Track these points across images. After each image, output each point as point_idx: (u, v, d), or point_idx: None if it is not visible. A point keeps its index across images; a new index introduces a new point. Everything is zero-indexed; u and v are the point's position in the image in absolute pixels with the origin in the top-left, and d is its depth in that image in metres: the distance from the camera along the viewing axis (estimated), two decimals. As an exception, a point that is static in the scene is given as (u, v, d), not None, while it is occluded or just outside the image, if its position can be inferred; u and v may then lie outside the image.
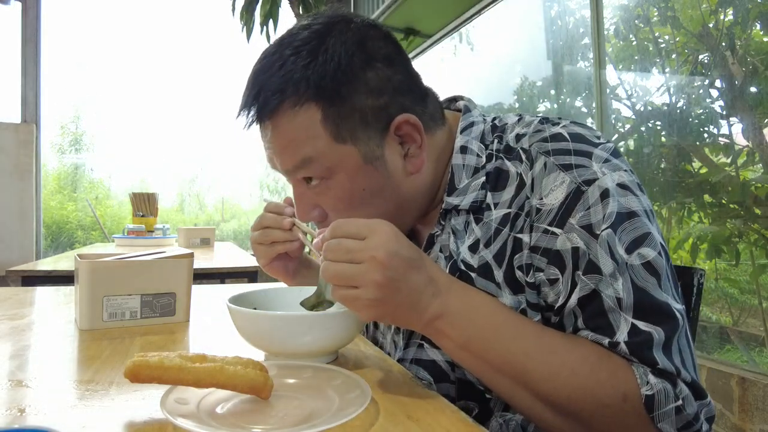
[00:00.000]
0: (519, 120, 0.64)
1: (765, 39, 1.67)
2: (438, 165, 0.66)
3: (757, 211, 1.64)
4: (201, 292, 1.18)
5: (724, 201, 1.71)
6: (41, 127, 3.71)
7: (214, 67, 4.58)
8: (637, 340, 0.49)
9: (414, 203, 0.65)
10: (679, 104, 1.90)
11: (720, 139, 1.78)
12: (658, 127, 1.99)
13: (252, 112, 0.59)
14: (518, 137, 0.61)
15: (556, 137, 0.58)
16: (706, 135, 1.83)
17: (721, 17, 1.78)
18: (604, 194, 0.53)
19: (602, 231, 0.52)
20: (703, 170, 1.80)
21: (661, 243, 0.53)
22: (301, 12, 3.86)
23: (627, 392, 0.48)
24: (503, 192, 0.60)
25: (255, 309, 0.69)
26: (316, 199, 0.63)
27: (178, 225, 4.16)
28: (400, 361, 0.67)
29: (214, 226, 3.71)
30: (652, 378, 0.48)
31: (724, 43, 1.75)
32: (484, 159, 0.63)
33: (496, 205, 0.60)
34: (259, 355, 0.64)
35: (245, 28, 3.82)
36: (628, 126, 2.12)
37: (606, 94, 2.00)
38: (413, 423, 0.45)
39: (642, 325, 0.50)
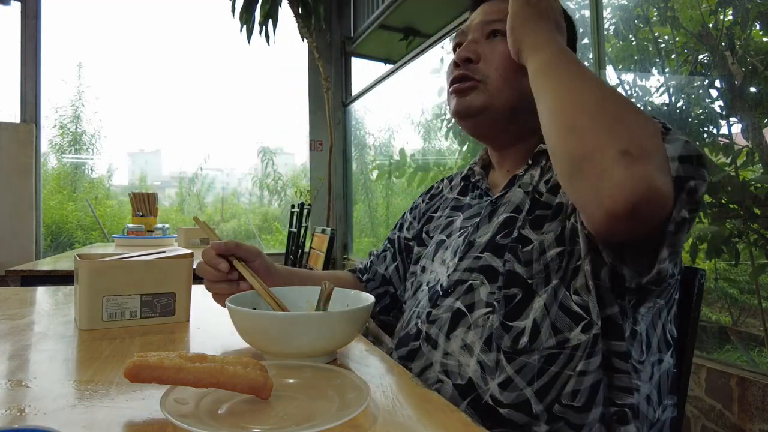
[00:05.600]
0: None
1: (765, 39, 1.67)
2: None
3: (757, 211, 1.64)
4: (201, 292, 1.18)
5: (723, 201, 1.71)
6: (41, 127, 3.71)
7: (214, 67, 4.58)
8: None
9: (529, 110, 0.73)
10: (679, 104, 1.90)
11: (720, 139, 1.78)
12: (658, 127, 1.99)
13: None
14: None
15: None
16: (705, 135, 1.83)
17: (721, 17, 1.78)
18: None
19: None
20: (703, 170, 1.79)
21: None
22: (300, 12, 3.86)
23: (650, 117, 0.57)
24: None
25: (255, 309, 0.69)
26: (486, 50, 0.77)
27: (177, 225, 4.16)
28: (452, 273, 0.74)
29: (214, 226, 3.71)
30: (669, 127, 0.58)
31: (723, 43, 1.75)
32: None
33: None
34: (259, 355, 0.65)
35: (245, 28, 3.82)
36: (627, 126, 2.12)
37: (606, 94, 2.00)
38: (413, 423, 0.45)
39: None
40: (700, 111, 1.84)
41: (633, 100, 2.09)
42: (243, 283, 0.75)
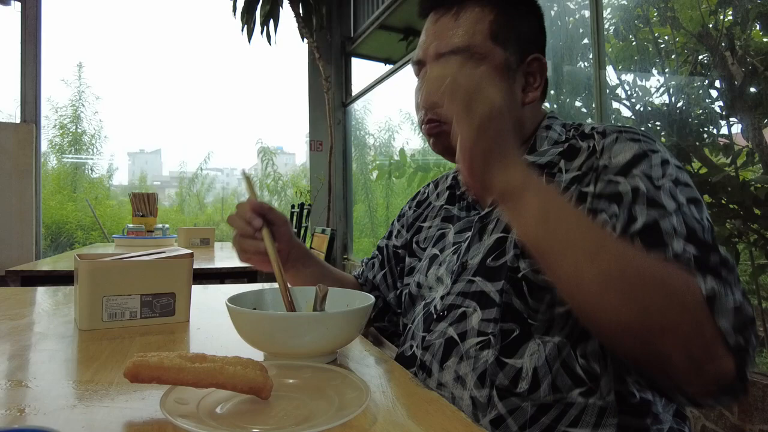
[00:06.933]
0: (594, 124, 0.74)
1: (765, 39, 1.67)
2: (530, 128, 0.76)
3: (757, 211, 1.64)
4: (201, 292, 1.18)
5: (723, 201, 1.71)
6: (41, 127, 3.71)
7: (214, 68, 4.59)
8: (694, 254, 0.53)
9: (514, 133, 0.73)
10: (679, 104, 1.90)
11: (719, 139, 1.78)
12: (658, 128, 1.99)
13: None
14: (593, 128, 0.71)
15: (630, 128, 0.67)
16: (705, 135, 1.83)
17: (721, 17, 1.78)
18: (665, 162, 0.61)
19: (663, 182, 0.58)
20: (703, 170, 1.79)
21: (709, 218, 0.60)
22: (301, 12, 3.86)
23: (689, 282, 0.50)
24: (575, 161, 0.68)
25: (255, 309, 0.69)
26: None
27: (177, 225, 4.16)
28: (446, 296, 0.73)
29: (213, 226, 3.71)
30: (710, 280, 0.51)
31: (723, 44, 1.75)
32: (564, 137, 0.73)
33: (567, 170, 0.68)
34: (259, 355, 0.65)
35: (246, 28, 3.82)
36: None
37: (606, 95, 2.00)
38: (413, 423, 0.45)
39: (692, 249, 0.54)
40: (700, 111, 1.84)
41: (633, 100, 2.09)
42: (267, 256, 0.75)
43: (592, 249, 0.50)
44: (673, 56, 1.97)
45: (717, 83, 1.78)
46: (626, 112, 2.13)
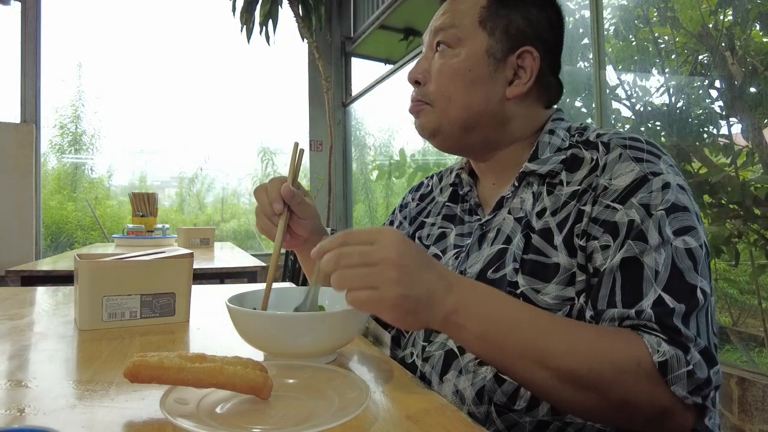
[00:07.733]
0: (600, 128, 0.73)
1: (765, 39, 1.67)
2: (522, 129, 0.75)
3: (757, 211, 1.64)
4: (201, 292, 1.18)
5: (723, 201, 1.71)
6: (41, 127, 3.71)
7: (214, 68, 4.58)
8: (661, 309, 0.54)
9: (485, 126, 0.73)
10: (679, 104, 1.90)
11: (719, 139, 1.78)
12: (658, 128, 1.99)
13: None
14: (599, 135, 0.69)
15: (635, 139, 0.66)
16: (705, 135, 1.83)
17: (721, 17, 1.78)
18: (666, 186, 0.59)
19: (657, 211, 0.58)
20: (703, 170, 1.79)
21: (704, 241, 0.59)
22: (300, 12, 3.86)
23: (640, 358, 0.52)
24: (576, 173, 0.67)
25: (255, 309, 0.69)
26: (432, 64, 0.75)
27: (177, 225, 4.16)
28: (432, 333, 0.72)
29: (213, 226, 3.71)
30: (665, 346, 0.52)
31: (723, 44, 1.75)
32: (567, 144, 0.72)
33: (568, 183, 0.67)
34: (259, 355, 0.65)
35: (245, 28, 3.82)
36: (627, 126, 2.12)
37: (606, 95, 2.00)
38: (413, 423, 0.45)
39: (667, 298, 0.54)
40: (700, 111, 1.84)
41: (633, 100, 2.09)
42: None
43: (539, 355, 0.52)
44: (673, 56, 1.97)
45: (717, 83, 1.78)
46: (626, 112, 2.13)
